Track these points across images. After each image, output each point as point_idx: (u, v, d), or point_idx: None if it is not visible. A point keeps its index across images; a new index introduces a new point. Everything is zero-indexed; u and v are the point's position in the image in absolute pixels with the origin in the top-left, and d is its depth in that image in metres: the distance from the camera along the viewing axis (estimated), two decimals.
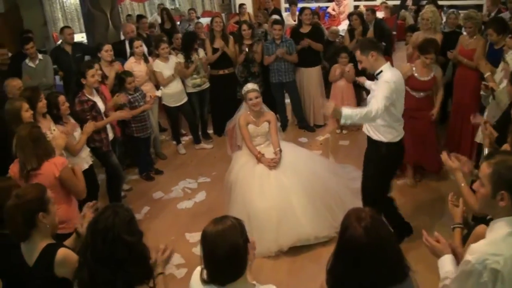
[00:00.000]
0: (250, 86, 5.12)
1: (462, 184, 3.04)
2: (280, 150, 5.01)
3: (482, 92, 5.08)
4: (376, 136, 4.30)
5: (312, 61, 7.63)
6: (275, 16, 8.95)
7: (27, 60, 6.95)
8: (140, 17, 9.29)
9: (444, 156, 3.28)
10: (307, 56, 7.54)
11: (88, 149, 5.14)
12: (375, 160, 4.40)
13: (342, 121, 3.90)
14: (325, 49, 7.90)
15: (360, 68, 4.33)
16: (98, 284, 2.26)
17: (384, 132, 4.25)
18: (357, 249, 2.04)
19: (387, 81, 3.98)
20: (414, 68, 5.56)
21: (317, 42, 7.54)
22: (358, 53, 4.15)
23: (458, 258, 2.44)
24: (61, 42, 7.79)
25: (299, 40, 7.49)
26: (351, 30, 7.78)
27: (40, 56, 7.06)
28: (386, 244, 2.06)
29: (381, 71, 4.08)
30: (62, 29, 7.94)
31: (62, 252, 2.65)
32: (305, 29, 7.57)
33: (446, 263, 2.44)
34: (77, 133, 4.91)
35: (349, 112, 3.87)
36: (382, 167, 4.37)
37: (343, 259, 2.12)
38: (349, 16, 7.90)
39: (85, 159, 5.02)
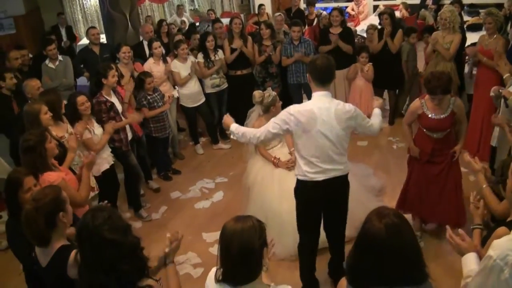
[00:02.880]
0: (273, 92, 5.07)
1: (484, 186, 3.02)
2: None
3: (491, 94, 4.93)
4: None
5: (343, 63, 7.40)
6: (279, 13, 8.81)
7: (47, 61, 6.99)
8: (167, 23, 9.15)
9: (466, 157, 3.28)
10: (337, 57, 7.35)
11: (109, 149, 5.20)
12: None
13: (231, 136, 4.05)
14: None
15: None
16: None
17: (297, 163, 3.90)
18: (375, 244, 2.03)
19: (287, 109, 3.75)
20: (424, 105, 4.44)
21: (347, 44, 7.43)
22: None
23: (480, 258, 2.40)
24: (89, 43, 7.83)
25: (329, 39, 7.40)
26: (380, 30, 7.57)
27: (60, 57, 7.10)
28: (407, 243, 2.04)
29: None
30: (87, 30, 7.98)
31: (75, 254, 2.64)
32: (336, 30, 7.47)
33: (471, 262, 2.39)
34: (99, 131, 4.98)
35: (233, 129, 3.98)
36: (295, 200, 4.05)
37: (360, 253, 2.11)
38: (380, 15, 7.75)
39: (106, 159, 5.10)
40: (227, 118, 4.13)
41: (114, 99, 5.42)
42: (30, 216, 2.63)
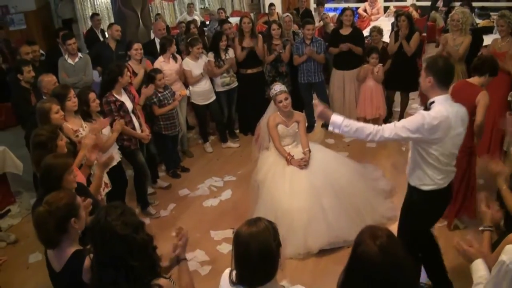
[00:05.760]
0: (278, 88, 5.03)
1: (504, 187, 2.99)
2: (309, 151, 4.99)
3: (509, 98, 5.00)
4: (410, 178, 3.66)
5: (354, 63, 7.45)
6: (286, 14, 8.79)
7: (66, 57, 6.92)
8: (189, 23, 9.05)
9: (484, 159, 3.24)
10: (348, 58, 7.42)
11: (117, 146, 5.21)
12: (406, 206, 3.81)
13: (330, 128, 3.44)
14: None
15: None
16: (104, 285, 2.27)
17: (415, 174, 3.58)
18: (369, 267, 1.94)
19: (423, 114, 3.29)
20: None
21: (357, 45, 7.37)
22: (423, 68, 3.54)
23: (488, 263, 2.39)
24: (106, 38, 7.80)
25: (338, 41, 7.37)
26: (397, 32, 7.41)
27: (80, 54, 7.01)
28: (402, 265, 1.96)
29: (433, 102, 3.37)
30: (110, 25, 7.87)
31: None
32: (346, 31, 7.42)
33: (480, 268, 2.38)
34: (107, 130, 4.98)
35: (338, 121, 3.37)
36: (412, 213, 3.73)
37: (353, 277, 2.03)
38: (397, 17, 7.68)
39: (113, 156, 5.10)
40: (322, 108, 3.49)
41: (124, 98, 5.40)
42: (41, 218, 2.60)
